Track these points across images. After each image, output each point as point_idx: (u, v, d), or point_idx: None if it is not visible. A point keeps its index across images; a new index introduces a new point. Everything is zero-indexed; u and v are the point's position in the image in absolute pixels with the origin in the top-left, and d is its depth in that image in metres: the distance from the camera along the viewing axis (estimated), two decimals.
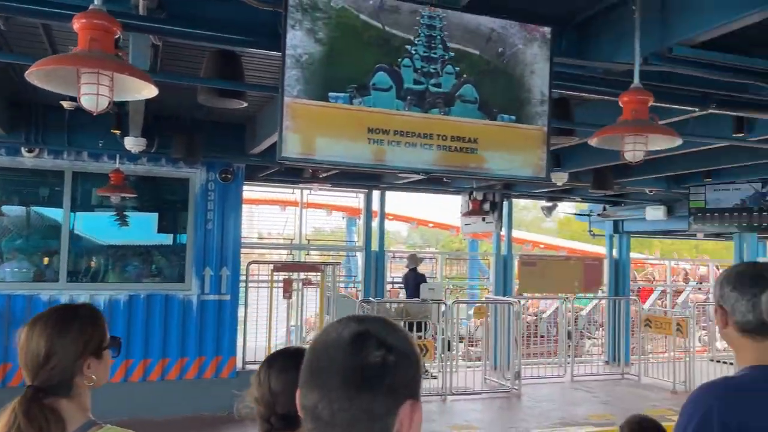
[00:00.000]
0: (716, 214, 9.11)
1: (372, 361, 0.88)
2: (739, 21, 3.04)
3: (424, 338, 8.67)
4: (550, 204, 11.26)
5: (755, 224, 8.83)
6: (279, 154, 2.69)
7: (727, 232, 9.86)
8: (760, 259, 10.82)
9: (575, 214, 14.34)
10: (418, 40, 2.87)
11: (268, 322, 8.10)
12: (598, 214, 11.53)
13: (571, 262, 11.56)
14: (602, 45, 3.93)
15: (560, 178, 8.10)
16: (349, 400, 0.87)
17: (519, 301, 9.97)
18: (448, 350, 8.64)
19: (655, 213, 10.59)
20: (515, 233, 22.64)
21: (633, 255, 16.74)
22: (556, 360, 10.94)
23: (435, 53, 2.89)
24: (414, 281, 9.90)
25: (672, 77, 4.16)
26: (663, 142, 3.53)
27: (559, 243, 23.25)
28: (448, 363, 8.65)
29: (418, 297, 9.11)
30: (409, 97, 2.87)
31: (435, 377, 9.03)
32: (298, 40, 2.68)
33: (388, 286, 11.82)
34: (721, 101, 4.29)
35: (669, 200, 10.31)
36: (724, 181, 8.79)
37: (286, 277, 8.37)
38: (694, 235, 11.84)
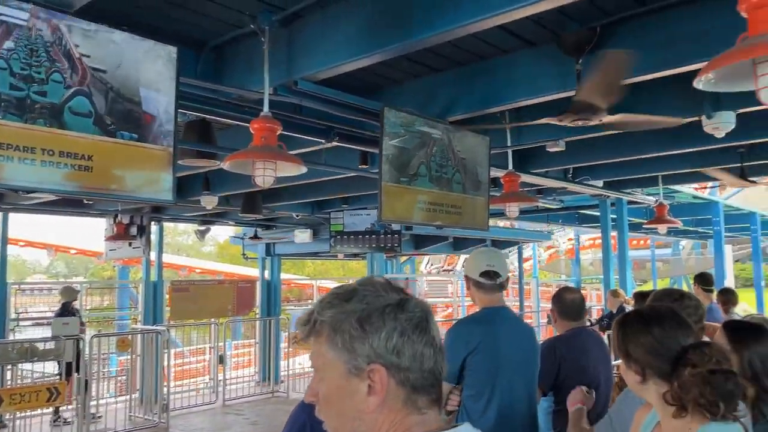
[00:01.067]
0: (352, 236, 10.15)
1: None
2: (348, 64, 3.40)
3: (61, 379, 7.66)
4: (203, 228, 11.15)
5: (382, 245, 10.10)
6: None
7: (362, 252, 11.04)
8: (387, 275, 12.37)
9: (232, 237, 14.50)
10: (17, 42, 2.50)
11: None
12: (250, 238, 11.84)
13: (224, 286, 11.60)
14: (236, 71, 4.02)
15: (210, 202, 8.06)
16: None
17: (168, 330, 9.55)
18: (85, 391, 7.76)
19: (302, 236, 11.30)
20: (172, 259, 21.88)
21: (286, 276, 17.64)
22: (211, 385, 10.77)
23: (38, 58, 2.55)
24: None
25: (302, 109, 4.46)
26: (291, 169, 3.74)
27: (217, 267, 23.22)
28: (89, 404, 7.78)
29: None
30: (4, 104, 2.46)
31: (70, 422, 8.03)
32: None
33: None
34: (343, 135, 4.76)
35: (314, 224, 11.12)
36: (358, 206, 9.84)
37: None
38: (336, 256, 12.97)
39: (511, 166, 5.74)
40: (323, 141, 4.65)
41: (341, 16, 3.37)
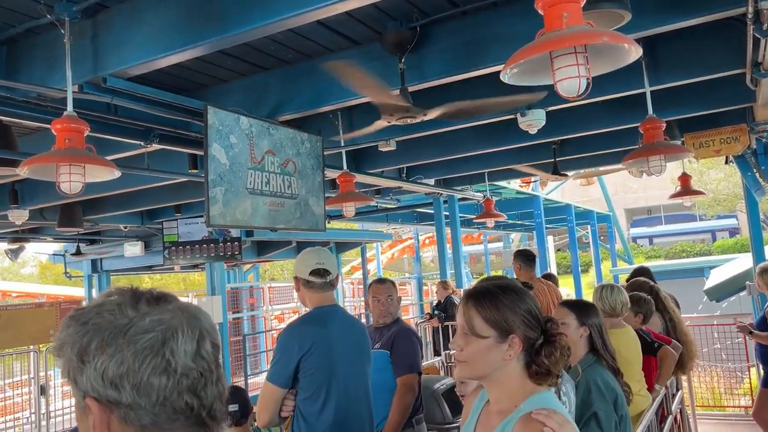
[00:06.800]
0: (188, 246, 9.66)
1: None
2: (161, 60, 3.17)
3: None
4: (15, 246, 10.00)
5: (221, 254, 9.70)
6: None
7: (200, 263, 10.52)
8: (228, 286, 11.93)
9: (51, 254, 13.22)
10: None
11: None
12: (72, 254, 10.81)
13: (44, 309, 10.46)
14: (35, 68, 3.60)
15: (19, 217, 7.23)
16: None
17: None
18: None
19: (132, 249, 10.57)
20: None
21: None
22: (33, 420, 9.66)
23: None
24: None
25: (117, 109, 4.11)
26: (102, 173, 3.41)
27: (38, 290, 20.99)
28: None
29: None
30: None
31: None
32: None
33: None
34: (164, 136, 4.45)
35: (145, 235, 10.42)
36: (193, 214, 9.34)
37: None
38: (172, 268, 12.27)
39: (345, 167, 5.74)
40: (141, 143, 4.32)
41: (151, 8, 3.13)
